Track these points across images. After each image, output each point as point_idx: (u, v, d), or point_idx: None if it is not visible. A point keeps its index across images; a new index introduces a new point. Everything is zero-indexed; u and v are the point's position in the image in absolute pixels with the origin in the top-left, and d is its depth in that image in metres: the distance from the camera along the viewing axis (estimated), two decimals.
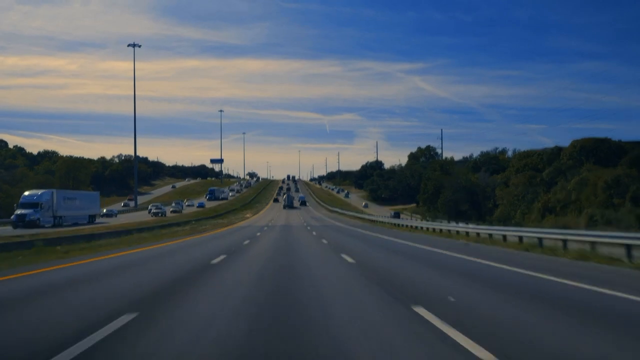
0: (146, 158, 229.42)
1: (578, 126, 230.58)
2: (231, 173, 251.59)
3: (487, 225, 51.04)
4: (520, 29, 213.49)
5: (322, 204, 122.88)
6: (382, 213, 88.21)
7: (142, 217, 64.32)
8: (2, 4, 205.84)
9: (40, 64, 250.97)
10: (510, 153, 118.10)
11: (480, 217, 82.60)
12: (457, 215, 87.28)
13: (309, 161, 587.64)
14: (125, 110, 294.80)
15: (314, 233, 31.67)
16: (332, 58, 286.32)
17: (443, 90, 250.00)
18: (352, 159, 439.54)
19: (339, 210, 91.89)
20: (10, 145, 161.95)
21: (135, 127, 68.20)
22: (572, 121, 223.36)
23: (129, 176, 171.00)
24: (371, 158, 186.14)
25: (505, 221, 71.06)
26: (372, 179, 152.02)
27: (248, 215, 72.18)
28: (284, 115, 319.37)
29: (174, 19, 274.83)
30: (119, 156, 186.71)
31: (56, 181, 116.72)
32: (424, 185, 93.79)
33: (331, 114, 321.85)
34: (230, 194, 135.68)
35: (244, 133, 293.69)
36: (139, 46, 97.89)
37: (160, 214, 71.13)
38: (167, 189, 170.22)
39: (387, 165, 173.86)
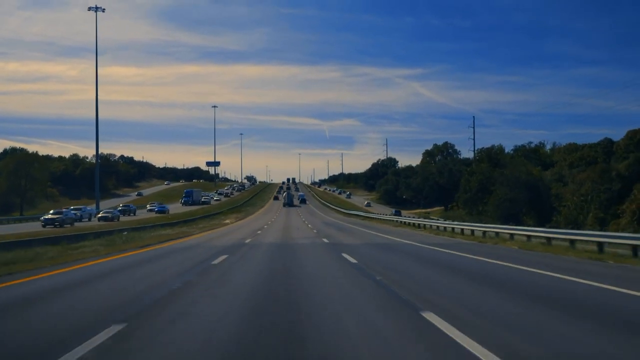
0: (132, 158, 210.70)
1: (577, 132, 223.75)
2: (229, 177, 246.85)
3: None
4: (519, 35, 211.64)
5: (330, 205, 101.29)
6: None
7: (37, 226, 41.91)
8: (2, 9, 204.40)
9: (40, 69, 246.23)
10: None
11: (540, 222, 60.51)
12: (510, 220, 63.60)
13: (308, 166, 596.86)
14: (126, 116, 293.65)
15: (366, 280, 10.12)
16: (331, 63, 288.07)
17: (442, 95, 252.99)
18: (352, 164, 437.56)
19: (362, 214, 69.58)
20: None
21: (97, 114, 48.34)
22: (571, 126, 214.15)
23: (106, 176, 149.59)
24: (371, 162, 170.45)
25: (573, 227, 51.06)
26: (386, 179, 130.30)
27: (228, 221, 50.31)
28: (283, 120, 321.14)
29: (173, 25, 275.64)
30: (103, 156, 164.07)
31: (2, 181, 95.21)
32: (465, 182, 71.89)
33: (330, 119, 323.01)
34: (215, 197, 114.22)
35: (241, 134, 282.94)
36: (103, 10, 76.44)
37: (111, 218, 53.85)
38: (152, 190, 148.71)
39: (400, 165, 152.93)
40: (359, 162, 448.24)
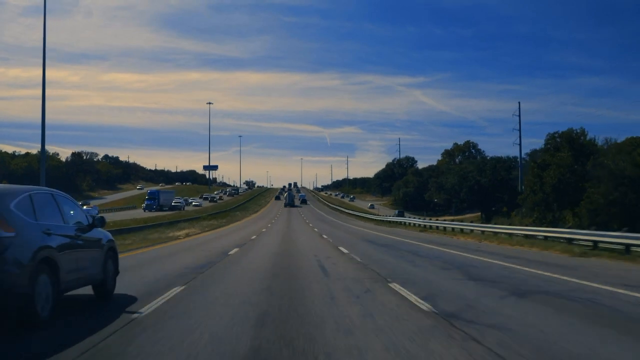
0: (117, 158, 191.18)
1: None
2: (227, 182, 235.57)
3: None
4: (521, 44, 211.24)
5: (339, 208, 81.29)
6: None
7: None
8: (4, 16, 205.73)
9: (41, 75, 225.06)
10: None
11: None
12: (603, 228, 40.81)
13: (310, 173, 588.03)
14: (128, 122, 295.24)
15: None
16: (332, 71, 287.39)
17: (444, 104, 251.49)
18: (354, 172, 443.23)
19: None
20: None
21: (44, 101, 31.94)
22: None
23: (80, 176, 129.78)
24: (373, 171, 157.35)
25: None
26: (405, 180, 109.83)
27: (184, 232, 29.47)
28: (285, 128, 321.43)
29: (175, 32, 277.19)
30: (75, 154, 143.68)
31: None
32: (535, 178, 51.45)
33: (332, 127, 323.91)
34: (195, 202, 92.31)
35: (240, 137, 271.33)
36: None
37: None
38: (128, 194, 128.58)
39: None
40: (360, 169, 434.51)
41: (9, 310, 5.74)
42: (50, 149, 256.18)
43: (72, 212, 7.64)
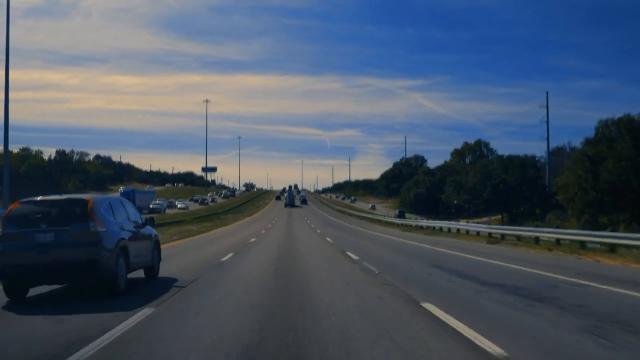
0: (109, 158, 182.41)
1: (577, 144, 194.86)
2: (227, 184, 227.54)
3: None
4: (521, 47, 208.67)
5: (347, 211, 72.50)
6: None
7: None
8: (4, 18, 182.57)
9: (41, 77, 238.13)
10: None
11: None
12: None
13: (310, 176, 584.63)
14: (128, 125, 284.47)
15: None
16: (332, 74, 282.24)
17: (444, 107, 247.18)
18: (354, 174, 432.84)
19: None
20: None
21: (7, 102, 24.62)
22: (572, 139, 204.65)
23: (61, 175, 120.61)
24: (373, 174, 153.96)
25: None
26: (415, 180, 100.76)
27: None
28: (285, 130, 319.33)
29: (175, 34, 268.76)
30: (59, 152, 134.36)
31: None
32: (584, 173, 42.60)
33: (332, 129, 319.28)
34: (180, 205, 77.61)
35: (239, 137, 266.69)
36: None
37: None
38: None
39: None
40: (360, 172, 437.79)
41: (103, 282, 8.49)
42: (49, 150, 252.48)
43: (132, 213, 10.38)
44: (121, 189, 73.40)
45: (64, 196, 9.43)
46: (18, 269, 8.06)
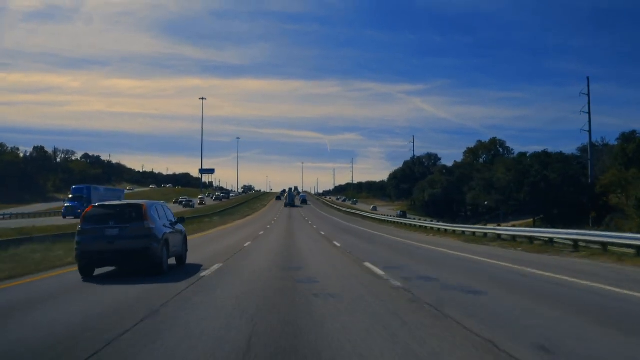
0: (98, 157, 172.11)
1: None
2: (225, 186, 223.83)
3: None
4: (521, 51, 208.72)
5: (357, 212, 62.99)
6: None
7: None
8: (6, 21, 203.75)
9: (43, 80, 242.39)
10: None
11: None
12: None
13: (311, 179, 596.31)
14: (128, 127, 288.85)
15: None
16: (332, 78, 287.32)
17: (444, 111, 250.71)
18: (355, 178, 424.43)
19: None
20: None
21: None
22: (572, 142, 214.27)
23: (39, 175, 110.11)
24: (373, 177, 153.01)
25: None
26: (430, 179, 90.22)
27: None
28: (285, 134, 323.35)
29: (176, 38, 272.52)
30: (37, 149, 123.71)
31: None
32: None
33: (332, 133, 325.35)
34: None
35: (238, 138, 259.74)
36: None
37: None
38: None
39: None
40: (361, 176, 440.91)
41: (153, 265, 11.57)
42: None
43: (169, 214, 13.74)
44: (73, 187, 58.25)
45: (125, 202, 14.20)
46: (92, 254, 11.24)
